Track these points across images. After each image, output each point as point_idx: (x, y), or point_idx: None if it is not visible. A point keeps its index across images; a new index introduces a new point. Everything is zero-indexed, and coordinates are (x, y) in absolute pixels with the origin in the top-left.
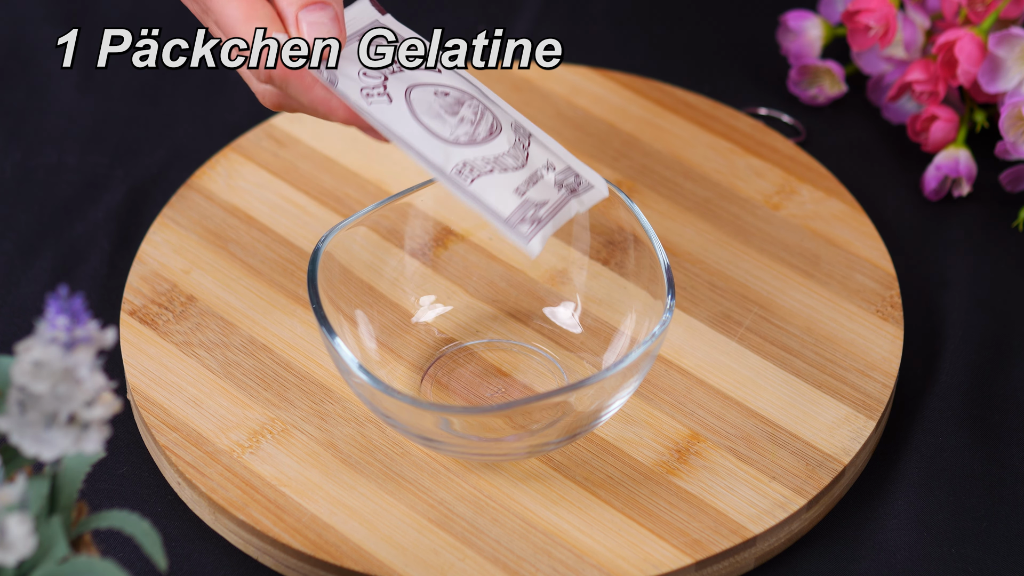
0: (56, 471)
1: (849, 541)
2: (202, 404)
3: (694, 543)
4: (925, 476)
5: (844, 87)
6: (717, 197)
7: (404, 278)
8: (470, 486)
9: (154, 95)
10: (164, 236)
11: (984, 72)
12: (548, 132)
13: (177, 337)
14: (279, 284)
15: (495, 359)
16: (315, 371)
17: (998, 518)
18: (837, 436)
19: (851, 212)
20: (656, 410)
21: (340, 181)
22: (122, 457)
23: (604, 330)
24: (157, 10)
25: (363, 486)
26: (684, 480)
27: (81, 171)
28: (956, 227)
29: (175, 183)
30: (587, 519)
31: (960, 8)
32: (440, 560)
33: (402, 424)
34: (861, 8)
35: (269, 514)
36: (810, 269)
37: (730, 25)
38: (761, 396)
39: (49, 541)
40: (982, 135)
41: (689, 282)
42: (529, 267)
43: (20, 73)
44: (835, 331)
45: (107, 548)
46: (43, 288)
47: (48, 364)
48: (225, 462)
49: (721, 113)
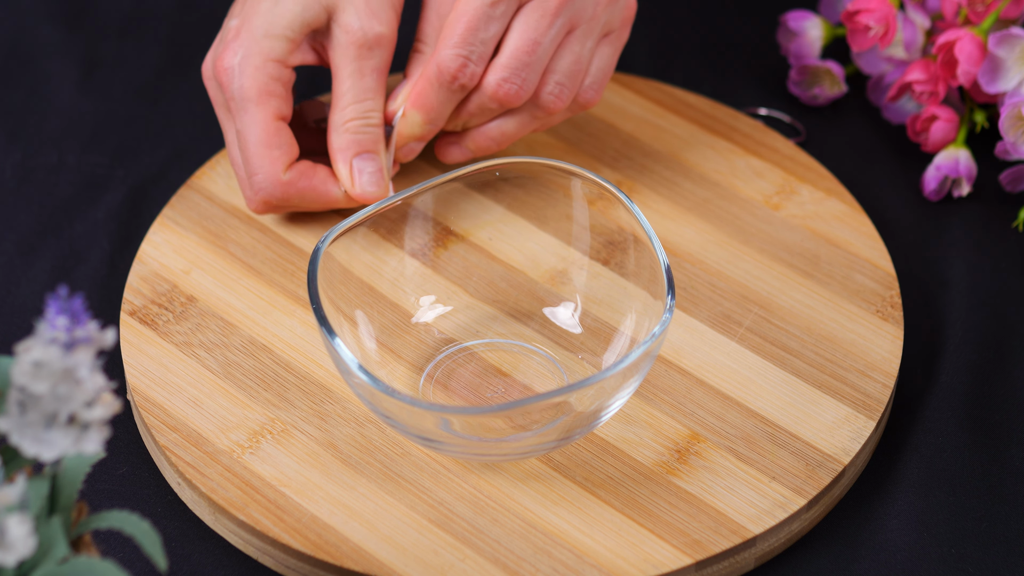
0: (56, 471)
1: (849, 541)
2: (202, 404)
3: (694, 543)
4: (925, 476)
5: (844, 87)
6: (717, 197)
7: (404, 278)
8: (470, 486)
9: (154, 95)
10: (164, 236)
11: (984, 72)
12: (548, 132)
13: (177, 337)
14: (279, 284)
15: (495, 359)
16: (315, 371)
17: (998, 518)
18: (837, 436)
19: (851, 212)
20: (656, 410)
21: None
22: (122, 457)
23: (604, 330)
24: (157, 10)
25: (363, 486)
26: (684, 480)
27: (81, 171)
28: (956, 227)
29: (175, 183)
30: (587, 519)
31: (960, 8)
32: (440, 560)
33: (402, 424)
34: (861, 8)
35: (269, 514)
36: (810, 269)
37: (730, 25)
38: (761, 396)
39: (49, 541)
40: (982, 135)
41: (689, 282)
42: (529, 267)
43: (20, 73)
44: (835, 331)
45: (107, 548)
46: (43, 288)
47: (48, 364)
48: (225, 462)
49: (721, 113)
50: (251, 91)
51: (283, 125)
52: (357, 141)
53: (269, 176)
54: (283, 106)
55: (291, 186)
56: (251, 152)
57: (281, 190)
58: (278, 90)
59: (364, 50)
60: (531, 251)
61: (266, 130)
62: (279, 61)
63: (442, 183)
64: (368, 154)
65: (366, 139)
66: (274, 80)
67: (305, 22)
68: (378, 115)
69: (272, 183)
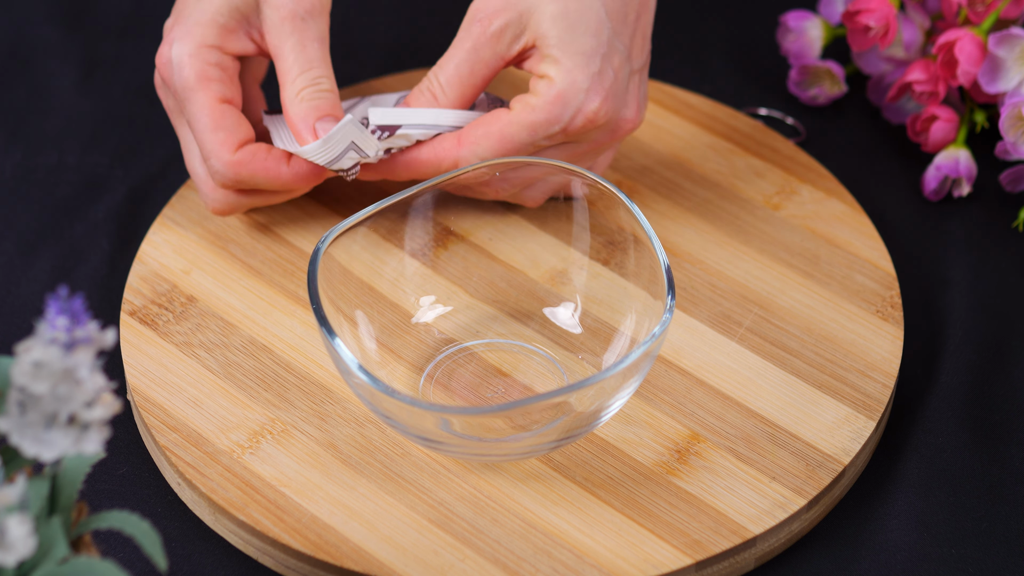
0: (56, 472)
1: (849, 541)
2: (202, 404)
3: (694, 543)
4: (925, 476)
5: (844, 87)
6: (717, 197)
7: (404, 278)
8: (470, 486)
9: (154, 95)
10: (164, 236)
11: (984, 72)
12: None
13: (177, 337)
14: (279, 284)
15: (495, 359)
16: (315, 371)
17: (998, 518)
18: (837, 436)
19: (851, 212)
20: (656, 410)
21: (340, 181)
22: (122, 457)
23: (604, 330)
24: (157, 10)
25: (363, 486)
26: (684, 480)
27: (81, 171)
28: (956, 227)
29: (175, 183)
30: (587, 519)
31: (960, 8)
32: (440, 560)
33: (402, 425)
34: (861, 8)
35: (269, 514)
36: (810, 269)
37: (730, 25)
38: (761, 396)
39: (49, 542)
40: (982, 135)
41: (689, 282)
42: (529, 267)
43: (20, 73)
44: (835, 331)
45: (107, 548)
46: (43, 288)
47: (48, 365)
48: (225, 462)
49: (721, 113)
50: (190, 79)
51: (229, 107)
52: (315, 107)
53: (219, 157)
54: (226, 90)
55: (241, 166)
56: (201, 138)
57: (232, 171)
58: (217, 74)
59: (299, 22)
60: (531, 251)
61: (210, 113)
62: (214, 47)
63: (442, 183)
64: (329, 117)
65: (323, 103)
66: (211, 65)
67: (233, 6)
68: (328, 81)
69: (223, 164)
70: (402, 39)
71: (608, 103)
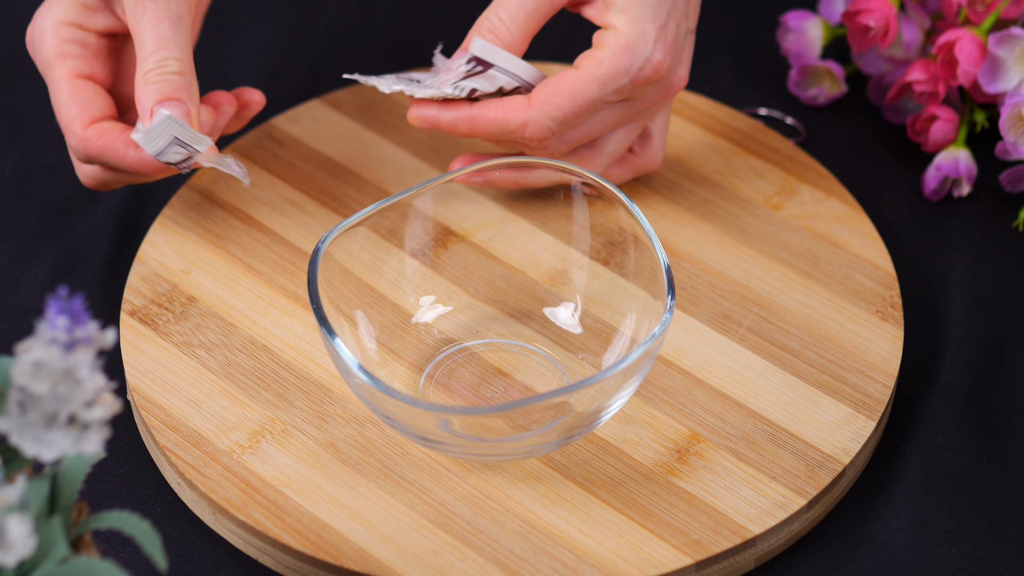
0: (56, 471)
1: (849, 541)
2: (202, 404)
3: (694, 543)
4: (925, 476)
5: (844, 87)
6: (717, 197)
7: (404, 278)
8: (470, 486)
9: None
10: (164, 236)
11: (984, 72)
12: None
13: (177, 337)
14: (279, 284)
15: (495, 359)
16: (315, 371)
17: (998, 518)
18: (837, 436)
19: (851, 212)
20: (656, 410)
21: (340, 181)
22: (122, 457)
23: (604, 330)
24: None
25: (363, 486)
26: (684, 480)
27: None
28: (956, 227)
29: (175, 183)
30: (587, 519)
31: (960, 8)
32: (440, 560)
33: (402, 424)
34: (861, 8)
35: (269, 514)
36: (810, 269)
37: (730, 25)
38: (761, 396)
39: (49, 541)
40: (982, 135)
41: (689, 282)
42: (529, 267)
43: (20, 73)
44: (835, 331)
45: (107, 548)
46: (43, 288)
47: (48, 365)
48: (225, 462)
49: (721, 113)
50: (49, 54)
51: (85, 83)
52: (158, 90)
53: (72, 132)
54: (83, 65)
55: (90, 143)
56: (57, 113)
57: (83, 146)
58: (75, 51)
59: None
60: (531, 251)
61: (66, 88)
62: (73, 24)
63: (442, 183)
64: (172, 101)
65: (166, 86)
66: (68, 42)
67: None
68: (178, 63)
69: (75, 139)
70: (402, 39)
71: (670, 56)
